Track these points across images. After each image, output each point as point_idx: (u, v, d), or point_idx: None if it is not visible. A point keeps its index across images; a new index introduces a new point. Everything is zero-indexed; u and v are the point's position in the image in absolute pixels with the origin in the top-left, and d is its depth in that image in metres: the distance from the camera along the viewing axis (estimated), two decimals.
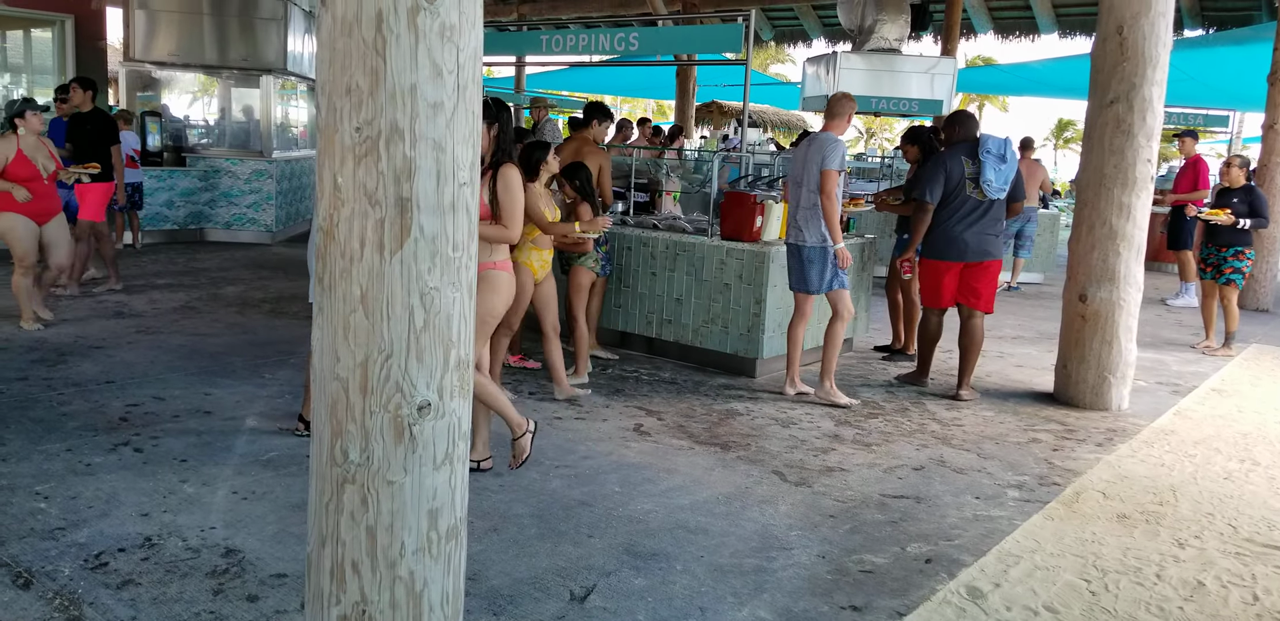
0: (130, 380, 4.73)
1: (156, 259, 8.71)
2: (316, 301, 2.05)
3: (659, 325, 5.67)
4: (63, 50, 11.44)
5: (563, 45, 7.75)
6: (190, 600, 2.58)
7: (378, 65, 1.92)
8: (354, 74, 1.93)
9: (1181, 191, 9.04)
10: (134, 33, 10.15)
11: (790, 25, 15.39)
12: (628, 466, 3.83)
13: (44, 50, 11.79)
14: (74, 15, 11.30)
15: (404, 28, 1.91)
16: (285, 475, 3.53)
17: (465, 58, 2.02)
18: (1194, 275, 9.05)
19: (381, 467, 1.89)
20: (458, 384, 2.02)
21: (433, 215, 1.99)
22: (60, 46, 11.46)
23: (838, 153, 4.71)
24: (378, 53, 1.91)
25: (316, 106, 2.08)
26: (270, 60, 10.39)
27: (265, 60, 10.38)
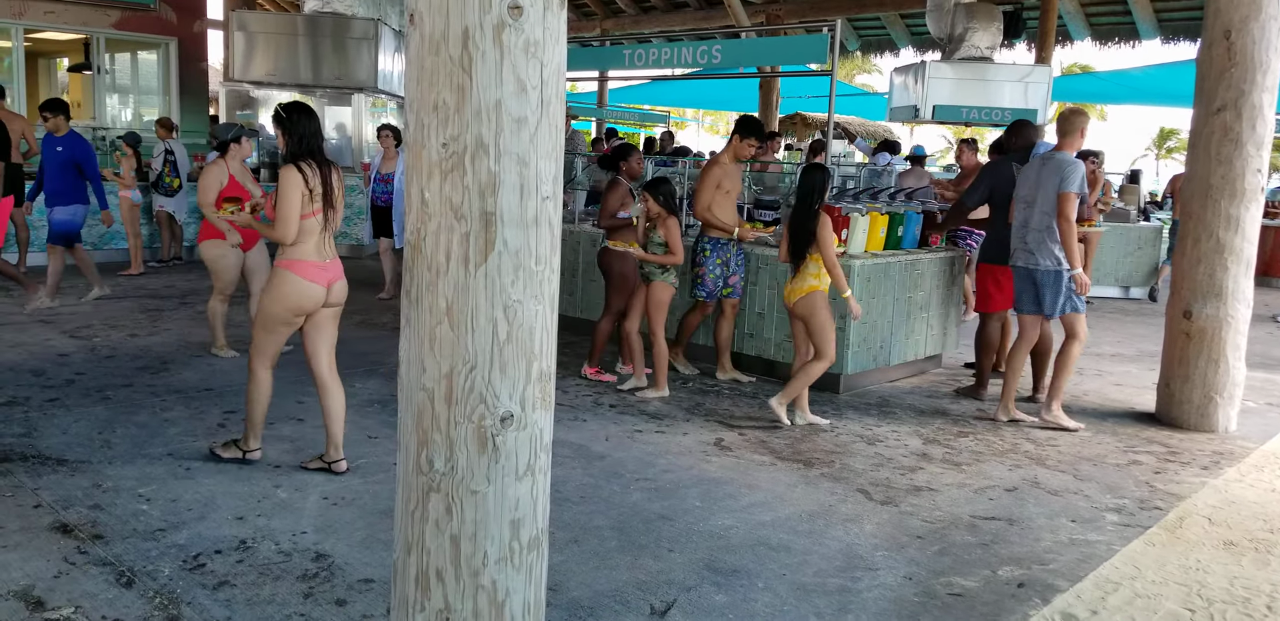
0: (228, 388, 4.92)
1: None
2: (403, 313, 2.10)
3: (741, 339, 5.62)
4: (167, 71, 12.12)
5: (645, 59, 7.81)
6: (282, 602, 2.66)
7: (464, 82, 1.96)
8: (441, 90, 1.98)
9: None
10: (233, 54, 10.66)
11: (877, 34, 15.17)
12: (708, 481, 3.79)
13: (150, 72, 12.50)
14: (178, 38, 11.96)
15: (489, 44, 1.94)
16: (373, 482, 3.61)
17: (549, 73, 2.04)
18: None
19: (465, 477, 1.92)
20: (540, 396, 2.04)
21: (516, 229, 2.01)
22: (165, 68, 12.14)
23: (1077, 174, 4.59)
24: (464, 69, 1.95)
25: (405, 123, 2.14)
26: (361, 79, 10.76)
27: (357, 79, 10.75)
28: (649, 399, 4.96)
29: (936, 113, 9.30)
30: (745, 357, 5.62)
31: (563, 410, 4.73)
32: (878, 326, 5.25)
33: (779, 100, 13.98)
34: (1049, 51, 11.46)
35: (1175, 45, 12.57)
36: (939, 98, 9.20)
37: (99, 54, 11.69)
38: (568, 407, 4.80)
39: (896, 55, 15.38)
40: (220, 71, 12.76)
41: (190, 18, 12.18)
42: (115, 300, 7.26)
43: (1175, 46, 12.66)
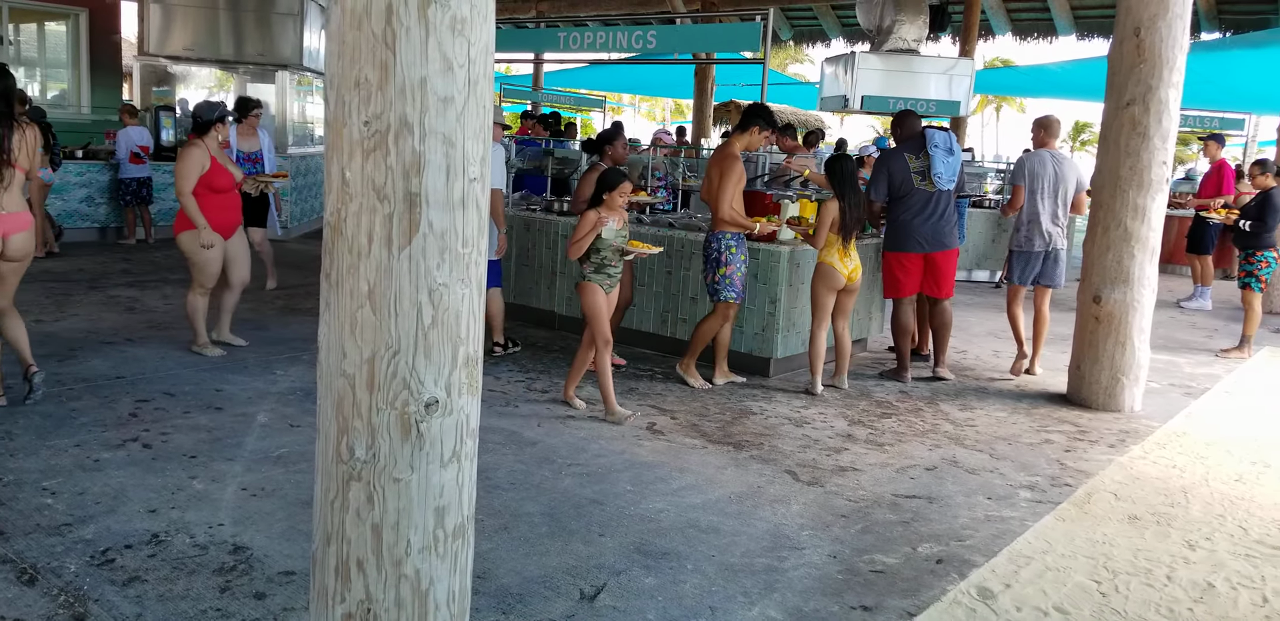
0: (141, 376, 4.73)
1: (170, 254, 8.73)
2: (323, 297, 2.03)
3: (674, 324, 5.64)
4: (77, 44, 11.52)
5: (580, 43, 7.73)
6: (197, 597, 2.57)
7: (387, 58, 1.90)
8: (363, 67, 1.92)
9: (1206, 196, 8.98)
10: (149, 27, 10.20)
11: (809, 25, 15.32)
12: (640, 465, 3.80)
13: (58, 44, 11.88)
14: (88, 8, 11.37)
15: (414, 21, 1.89)
16: (295, 472, 3.52)
17: (477, 52, 2.00)
18: (1211, 279, 8.97)
19: (388, 465, 1.87)
20: (466, 381, 2.00)
21: (442, 211, 1.97)
22: (74, 40, 11.54)
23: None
24: (387, 46, 1.89)
25: (325, 100, 2.07)
26: (286, 55, 10.42)
27: (281, 55, 10.41)
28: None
29: (865, 103, 9.43)
30: (677, 342, 5.64)
31: (495, 396, 4.68)
32: (807, 311, 5.33)
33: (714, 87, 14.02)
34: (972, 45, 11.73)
35: (1090, 41, 12.99)
36: (868, 88, 9.33)
37: (2, 24, 11.06)
38: (499, 393, 4.75)
39: (828, 46, 15.57)
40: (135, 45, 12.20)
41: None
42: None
43: (1090, 42, 13.06)
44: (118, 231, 9.50)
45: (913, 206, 5.30)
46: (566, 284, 6.19)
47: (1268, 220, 6.53)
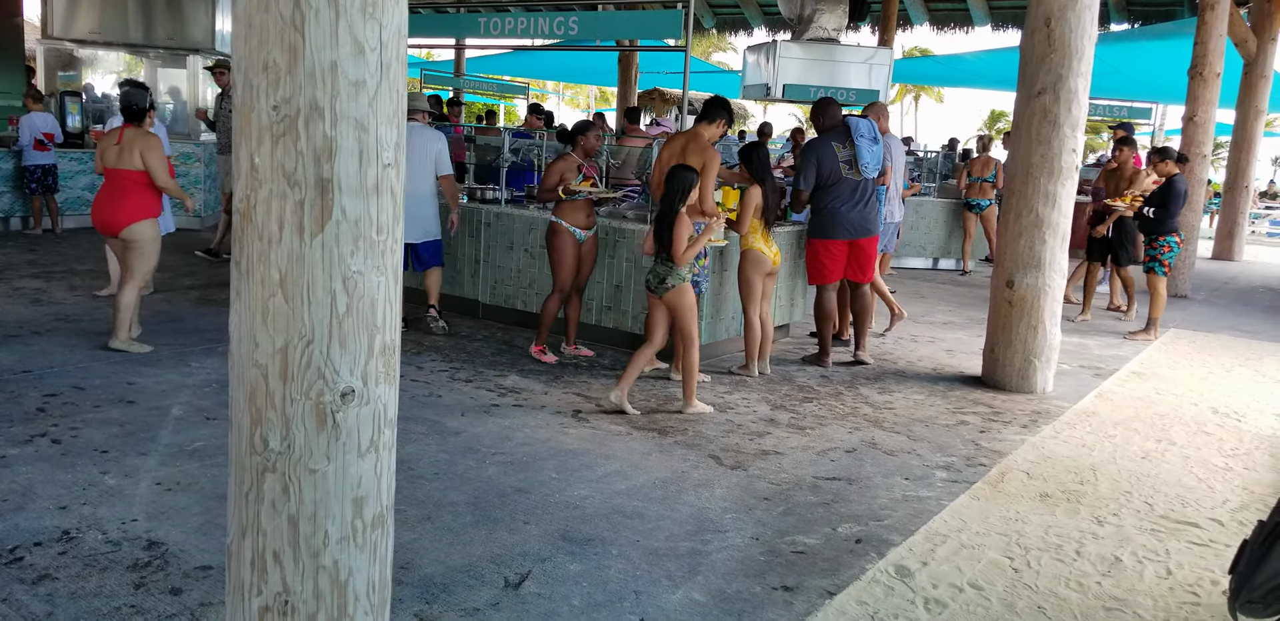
0: (49, 369, 4.55)
1: (77, 244, 8.38)
2: (233, 285, 1.98)
3: (599, 312, 5.65)
4: None
5: (501, 28, 7.61)
6: (110, 594, 2.50)
7: (296, 41, 1.86)
8: (271, 50, 1.87)
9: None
10: (52, 9, 9.72)
11: (731, 13, 15.41)
12: (565, 452, 3.81)
13: None
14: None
15: (324, 3, 1.85)
16: (211, 465, 3.43)
17: (389, 35, 1.97)
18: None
19: (303, 456, 1.85)
20: (384, 370, 1.98)
21: (355, 197, 1.94)
22: None
23: None
24: (296, 28, 1.85)
25: (233, 83, 2.01)
26: (198, 39, 10.04)
27: (193, 39, 10.03)
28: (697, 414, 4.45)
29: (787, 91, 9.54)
30: (602, 329, 5.66)
31: (417, 386, 4.63)
32: (729, 298, 5.40)
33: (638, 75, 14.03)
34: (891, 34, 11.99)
35: (1005, 32, 13.42)
36: (789, 77, 9.44)
37: None
38: (422, 383, 4.70)
39: (750, 34, 15.70)
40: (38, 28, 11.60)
41: None
42: None
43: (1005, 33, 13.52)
44: (23, 221, 9.07)
45: (840, 194, 5.38)
46: (490, 272, 6.14)
47: (1170, 206, 6.83)
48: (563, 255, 5.05)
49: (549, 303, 5.18)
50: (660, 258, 4.38)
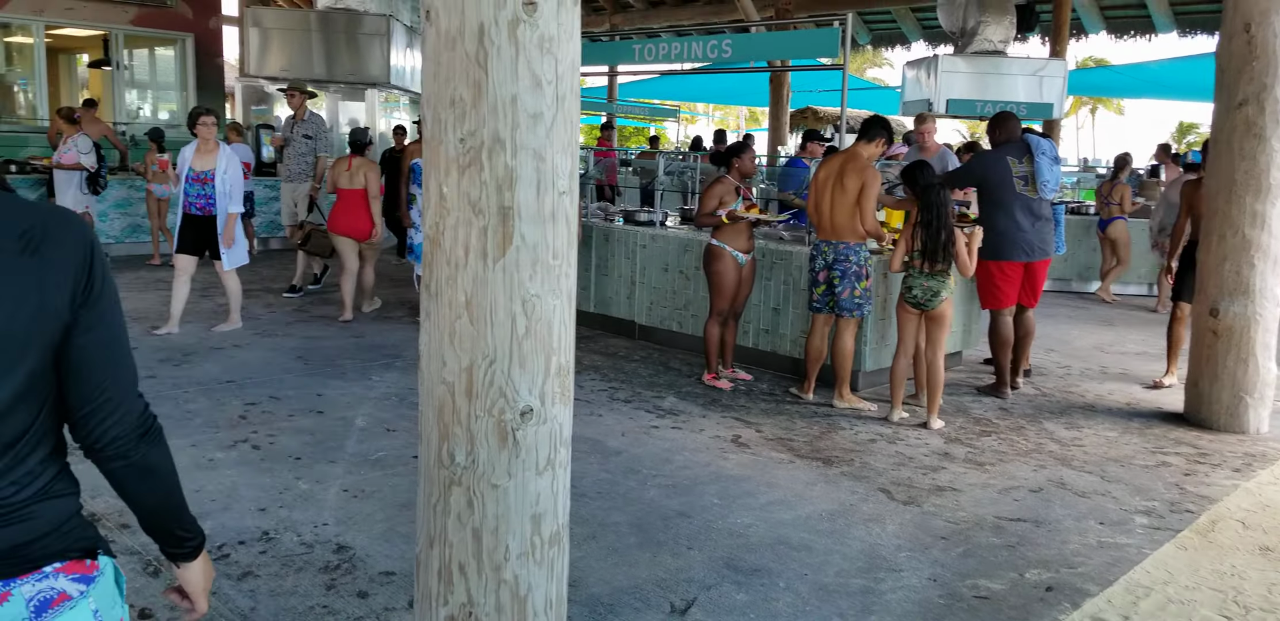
0: (249, 380, 4.95)
1: (271, 264, 9.12)
2: (423, 307, 2.10)
3: (756, 335, 5.61)
4: (184, 67, 12.21)
5: (655, 54, 7.77)
6: (305, 594, 2.68)
7: (480, 77, 1.95)
8: (457, 86, 1.98)
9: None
10: (249, 50, 10.69)
11: (888, 28, 15.09)
12: (726, 478, 3.79)
13: (167, 67, 12.60)
14: (193, 34, 12.06)
15: (505, 40, 1.94)
16: (392, 475, 3.63)
17: (564, 69, 2.04)
18: None
19: (486, 471, 1.92)
20: (559, 390, 2.04)
21: (533, 224, 2.02)
22: (182, 63, 12.24)
23: None
24: (480, 65, 1.95)
25: (421, 118, 2.14)
26: (374, 74, 10.77)
27: (369, 74, 10.76)
28: (936, 429, 4.57)
29: (950, 107, 9.24)
30: (760, 353, 5.61)
31: (577, 405, 4.74)
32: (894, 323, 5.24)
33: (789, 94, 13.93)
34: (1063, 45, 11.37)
35: (1193, 38, 12.43)
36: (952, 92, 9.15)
37: (118, 50, 11.76)
38: (583, 402, 4.81)
39: (908, 49, 15.32)
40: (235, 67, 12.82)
41: (206, 14, 12.25)
42: (136, 292, 7.32)
43: (1193, 39, 12.49)
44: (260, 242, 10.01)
45: (1015, 213, 5.14)
46: (646, 293, 6.23)
47: None
48: (723, 278, 5.05)
49: (709, 328, 5.16)
50: (927, 272, 4.47)
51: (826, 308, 4.88)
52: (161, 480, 1.28)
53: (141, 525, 1.29)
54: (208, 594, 1.41)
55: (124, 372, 1.21)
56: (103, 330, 1.17)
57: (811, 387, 5.02)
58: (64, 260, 1.12)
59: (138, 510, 1.29)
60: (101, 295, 1.16)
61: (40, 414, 1.14)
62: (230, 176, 5.92)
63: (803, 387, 5.05)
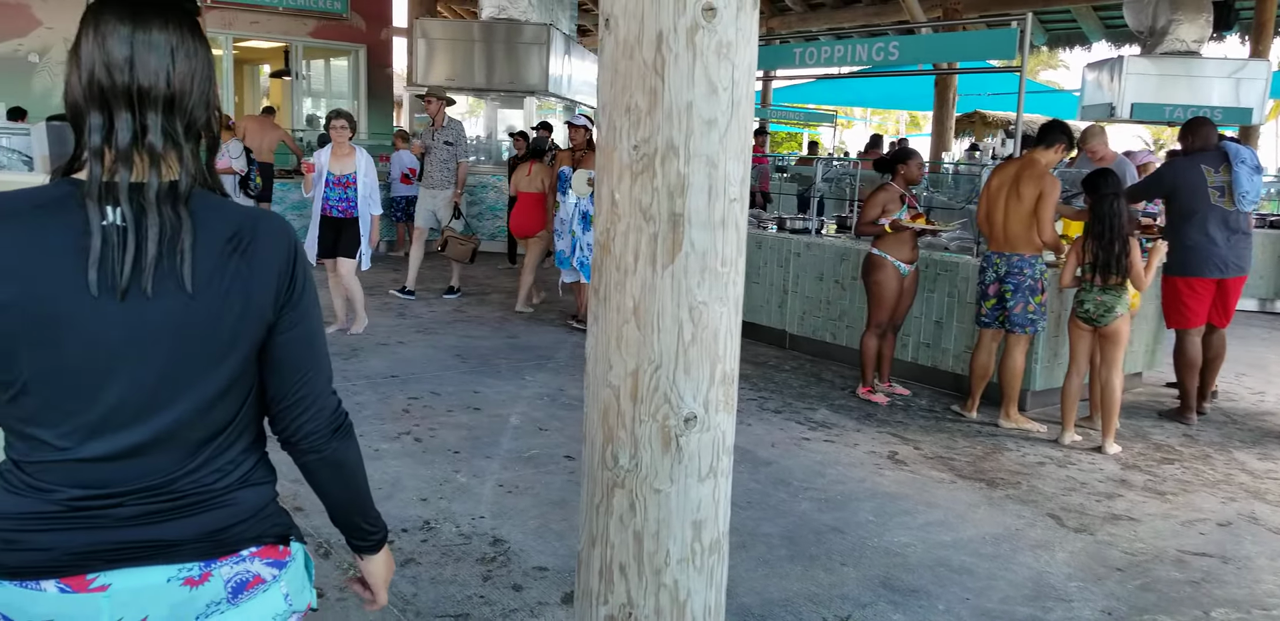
0: (411, 375, 5.21)
1: (432, 266, 9.57)
2: (591, 311, 2.14)
3: (916, 349, 5.41)
4: (356, 76, 13.04)
5: (817, 57, 7.65)
6: (463, 583, 2.78)
7: (656, 85, 1.95)
8: (633, 94, 1.98)
9: None
10: (416, 60, 11.27)
11: (1066, 28, 14.28)
12: (882, 495, 3.67)
13: (341, 77, 13.51)
14: (366, 45, 12.86)
15: (682, 47, 1.93)
16: (545, 473, 3.72)
17: (740, 74, 2.02)
18: None
19: (649, 475, 1.93)
20: (723, 398, 2.02)
21: (704, 230, 2.00)
22: (355, 73, 13.08)
23: None
24: (657, 72, 1.95)
25: (596, 126, 2.17)
26: (533, 82, 11.10)
27: (528, 82, 11.11)
28: (1112, 454, 4.31)
29: (1135, 111, 8.64)
30: (919, 367, 5.41)
31: None
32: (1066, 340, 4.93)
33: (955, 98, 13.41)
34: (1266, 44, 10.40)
35: None
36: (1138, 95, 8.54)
37: (297, 61, 12.70)
38: None
39: (1088, 50, 14.42)
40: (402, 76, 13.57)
41: (378, 26, 13.04)
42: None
43: None
44: (388, 245, 10.54)
45: (1208, 225, 4.77)
46: (798, 302, 6.13)
47: None
48: (883, 289, 4.89)
49: (866, 340, 5.02)
50: (1100, 286, 4.23)
51: (996, 322, 4.64)
52: (350, 474, 1.34)
53: (330, 516, 1.36)
54: (387, 586, 1.45)
55: (320, 370, 1.26)
56: (303, 329, 1.22)
57: (975, 406, 4.79)
58: (269, 262, 1.17)
59: (326, 501, 1.35)
60: (303, 296, 1.21)
61: (243, 406, 1.21)
62: (370, 179, 6.02)
63: (965, 405, 4.83)
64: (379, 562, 1.43)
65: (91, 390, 1.10)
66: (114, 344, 1.09)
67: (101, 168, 1.09)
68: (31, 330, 1.07)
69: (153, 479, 1.14)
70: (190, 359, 1.13)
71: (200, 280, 1.11)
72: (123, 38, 1.10)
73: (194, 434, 1.16)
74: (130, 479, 1.13)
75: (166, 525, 1.15)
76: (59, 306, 1.07)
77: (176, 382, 1.13)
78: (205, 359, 1.13)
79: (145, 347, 1.10)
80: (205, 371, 1.14)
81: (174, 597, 1.15)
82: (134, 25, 1.11)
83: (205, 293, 1.11)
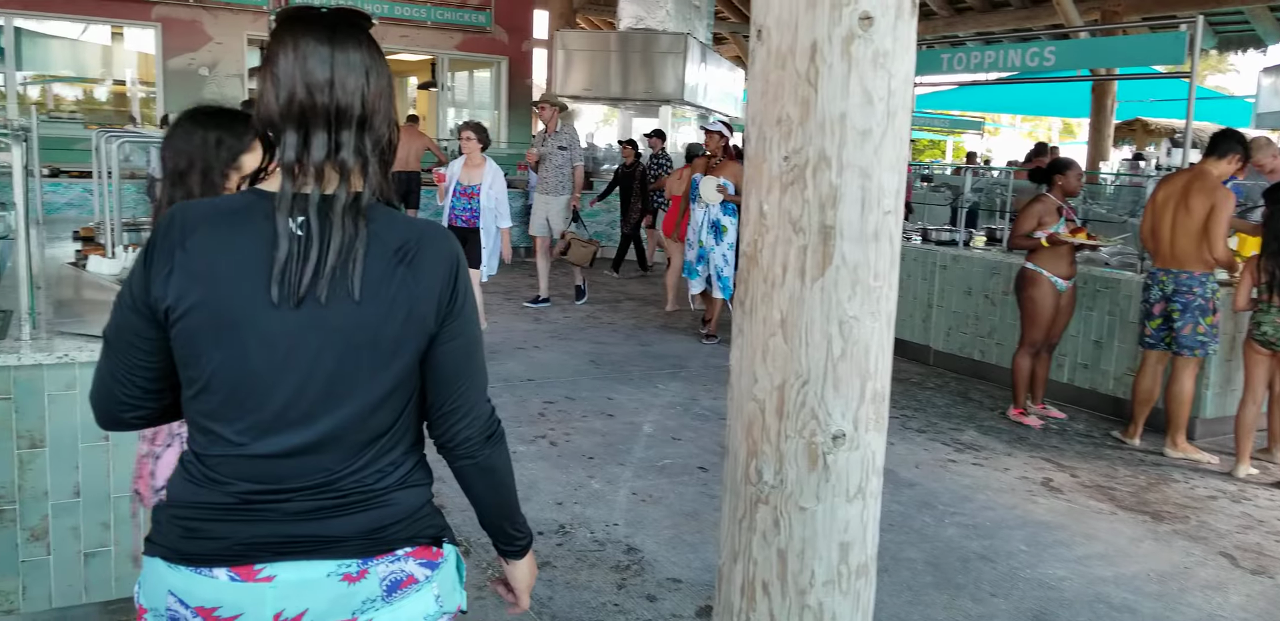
0: (547, 379, 5.32)
1: (566, 272, 9.76)
2: (736, 322, 2.11)
3: (1072, 370, 5.10)
4: (498, 87, 13.52)
5: (966, 63, 7.39)
6: (598, 590, 2.80)
7: (809, 95, 1.92)
8: (785, 104, 1.96)
9: None
10: (555, 71, 11.56)
11: (1238, 30, 13.25)
12: (1035, 524, 3.48)
13: (483, 88, 14.04)
14: (508, 57, 13.30)
15: (837, 57, 1.89)
16: (679, 483, 3.72)
17: (897, 84, 1.96)
18: None
19: (795, 492, 1.89)
20: (873, 416, 1.96)
21: (856, 243, 1.95)
22: (496, 84, 13.57)
23: None
24: (810, 83, 1.92)
25: (746, 137, 2.16)
26: (669, 91, 11.16)
27: (664, 91, 11.18)
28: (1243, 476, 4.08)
29: None
30: (1076, 389, 5.10)
31: None
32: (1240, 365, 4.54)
33: (1115, 104, 12.65)
34: None
35: None
36: None
37: (442, 72, 13.26)
38: None
39: (1263, 52, 13.33)
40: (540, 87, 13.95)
41: (519, 38, 13.48)
42: None
43: None
44: (526, 250, 10.82)
45: None
46: (944, 317, 5.90)
47: None
48: (1038, 306, 4.64)
49: (1019, 359, 4.77)
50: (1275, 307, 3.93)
51: (1161, 344, 4.33)
52: (500, 480, 1.36)
53: (480, 520, 1.38)
54: (530, 591, 1.46)
55: (477, 379, 1.29)
56: (462, 339, 1.25)
57: (1139, 432, 4.47)
58: (433, 273, 1.20)
59: (477, 506, 1.38)
60: (464, 308, 1.24)
61: (405, 410, 1.24)
62: (495, 191, 6.01)
63: (1127, 431, 4.52)
64: (523, 568, 1.44)
65: (267, 390, 1.15)
66: (289, 347, 1.14)
67: (293, 181, 1.14)
68: (216, 331, 1.13)
69: (319, 477, 1.19)
70: (357, 364, 1.17)
71: (368, 288, 1.15)
72: (323, 59, 1.15)
73: (358, 436, 1.20)
74: (298, 476, 1.18)
75: (330, 521, 1.19)
76: (242, 310, 1.12)
77: (343, 386, 1.17)
78: (370, 364, 1.17)
79: (317, 352, 1.15)
80: (370, 376, 1.18)
81: (333, 592, 1.18)
82: (333, 46, 1.15)
83: (372, 301, 1.15)
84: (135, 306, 1.16)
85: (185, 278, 1.12)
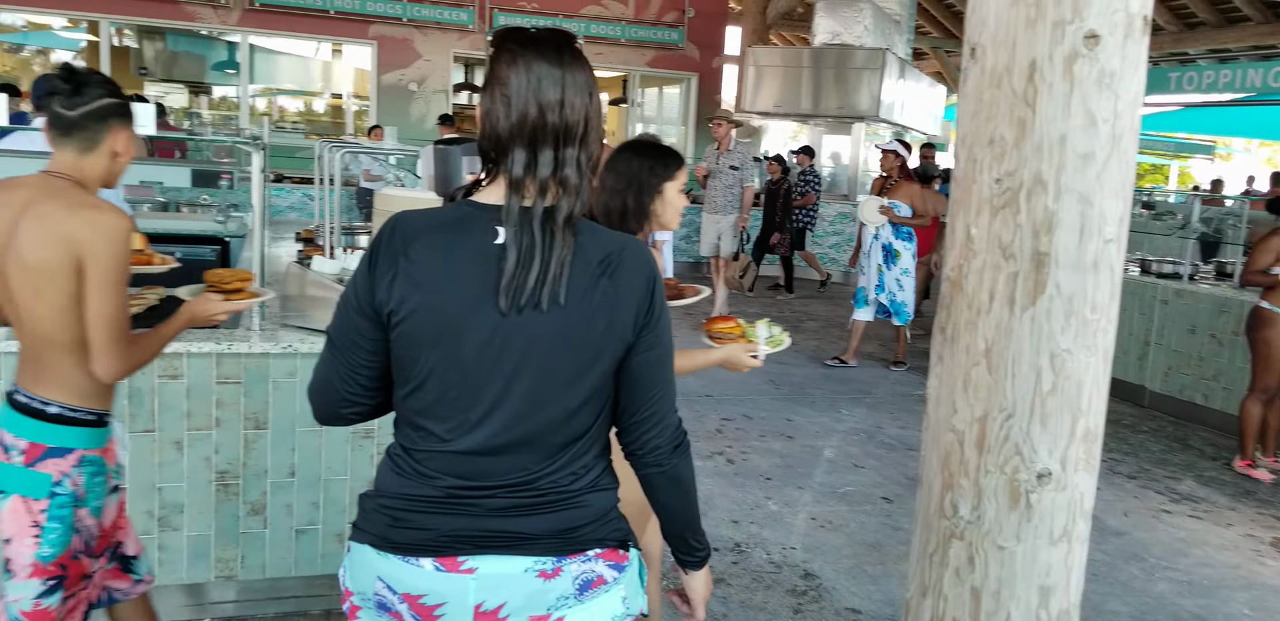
0: (724, 396, 5.34)
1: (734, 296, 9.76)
2: (936, 350, 2.05)
3: None
4: (686, 103, 13.74)
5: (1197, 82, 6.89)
6: (773, 612, 2.78)
7: (1026, 115, 1.86)
8: (999, 125, 1.90)
9: None
10: (745, 87, 11.58)
11: None
12: (1262, 586, 3.14)
13: (671, 104, 14.30)
14: (698, 74, 13.49)
15: (1058, 76, 1.82)
16: (860, 512, 3.63)
17: (1124, 106, 1.85)
18: None
19: (993, 530, 1.81)
20: (1084, 457, 1.85)
21: (1072, 272, 1.86)
22: (685, 100, 13.79)
23: None
24: (1027, 103, 1.85)
25: (955, 157, 2.11)
26: (863, 108, 10.91)
27: (858, 108, 10.94)
28: None
29: None
30: None
31: None
32: None
33: None
34: None
35: None
36: None
37: (634, 89, 13.62)
38: None
39: None
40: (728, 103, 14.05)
41: (710, 55, 13.65)
42: None
43: None
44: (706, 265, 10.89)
45: None
46: (1162, 355, 5.42)
47: None
48: (1273, 349, 4.18)
49: (1249, 406, 4.31)
50: None
51: None
52: (685, 489, 1.38)
53: (662, 530, 1.41)
54: (705, 603, 1.48)
55: (668, 390, 1.33)
56: (657, 351, 1.29)
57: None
58: (633, 286, 1.24)
59: (661, 514, 1.40)
60: (659, 320, 1.28)
61: (599, 416, 1.29)
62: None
63: None
64: (700, 579, 1.46)
65: (476, 390, 1.22)
66: (500, 350, 1.21)
67: (518, 195, 1.21)
68: (434, 334, 1.21)
69: (519, 475, 1.25)
70: (560, 369, 1.23)
71: (573, 298, 1.20)
72: (555, 80, 1.21)
73: (556, 438, 1.26)
74: (500, 473, 1.25)
75: (527, 519, 1.25)
76: (460, 314, 1.20)
77: (546, 390, 1.23)
78: (572, 370, 1.23)
79: (525, 356, 1.21)
80: (571, 382, 1.24)
81: (529, 587, 1.23)
82: (563, 67, 1.21)
83: (577, 309, 1.21)
84: (360, 309, 1.24)
85: (408, 283, 1.20)
